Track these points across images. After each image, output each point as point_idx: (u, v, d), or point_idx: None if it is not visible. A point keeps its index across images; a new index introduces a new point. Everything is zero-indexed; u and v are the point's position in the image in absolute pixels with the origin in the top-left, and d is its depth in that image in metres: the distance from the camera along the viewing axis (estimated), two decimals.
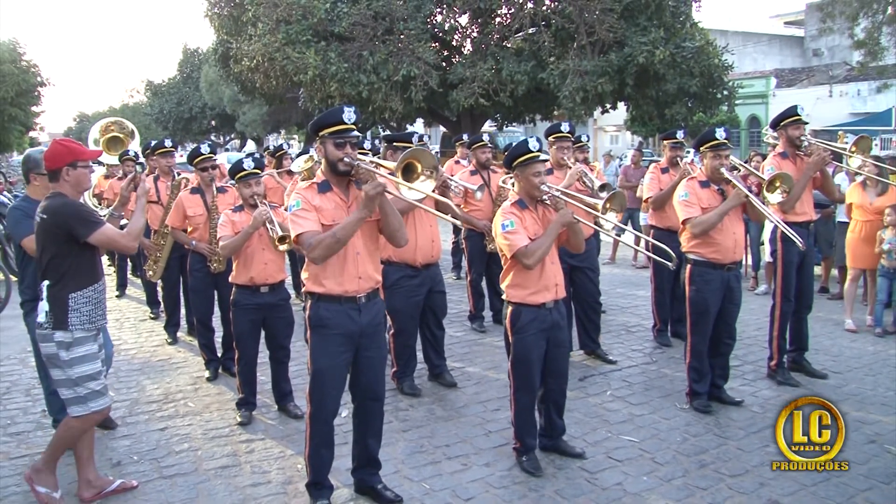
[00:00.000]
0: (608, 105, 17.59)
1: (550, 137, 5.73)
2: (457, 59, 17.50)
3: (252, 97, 24.16)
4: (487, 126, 22.38)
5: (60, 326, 3.49)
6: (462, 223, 6.42)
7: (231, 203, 5.22)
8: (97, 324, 3.64)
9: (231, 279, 4.82)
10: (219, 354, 5.81)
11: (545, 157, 4.09)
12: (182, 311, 6.88)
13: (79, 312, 3.52)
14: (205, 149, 5.68)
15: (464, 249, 7.21)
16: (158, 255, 6.29)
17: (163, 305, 7.12)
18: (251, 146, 40.66)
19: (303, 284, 3.57)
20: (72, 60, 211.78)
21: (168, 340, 6.77)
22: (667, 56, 14.68)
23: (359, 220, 3.33)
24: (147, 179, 5.88)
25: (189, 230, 5.59)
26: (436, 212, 4.27)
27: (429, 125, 28.11)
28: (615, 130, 37.97)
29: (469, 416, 4.83)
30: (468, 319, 7.11)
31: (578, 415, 4.77)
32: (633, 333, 6.81)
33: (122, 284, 9.11)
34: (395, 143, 5.16)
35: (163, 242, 6.23)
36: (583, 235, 4.10)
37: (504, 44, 17.09)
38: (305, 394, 3.54)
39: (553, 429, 4.19)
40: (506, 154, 4.09)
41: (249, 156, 5.22)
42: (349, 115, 3.36)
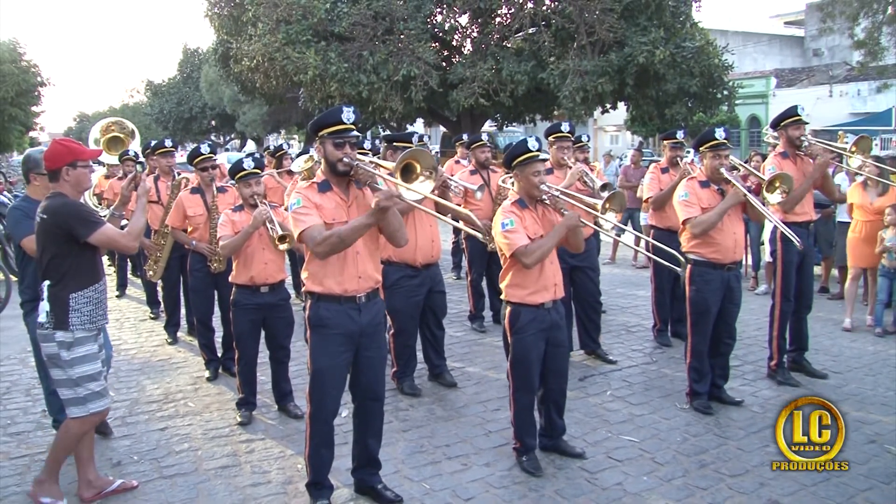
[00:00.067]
0: (608, 105, 17.57)
1: (550, 137, 5.73)
2: (457, 59, 17.48)
3: (252, 97, 24.16)
4: (487, 126, 22.37)
5: (61, 326, 3.49)
6: (463, 221, 6.42)
7: (231, 203, 5.22)
8: (98, 324, 3.64)
9: (231, 279, 4.83)
10: (219, 354, 5.81)
11: (544, 157, 4.10)
12: (182, 311, 6.88)
13: (80, 312, 3.52)
14: (205, 149, 5.68)
15: (464, 249, 7.21)
16: (159, 255, 6.28)
17: (163, 305, 7.13)
18: (251, 146, 40.65)
19: (303, 284, 3.57)
20: (72, 60, 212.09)
21: (168, 340, 6.77)
22: (667, 56, 14.67)
23: (365, 227, 3.33)
24: (147, 179, 5.87)
25: (189, 230, 5.60)
26: (436, 213, 4.28)
27: (429, 125, 28.12)
28: (615, 130, 37.95)
29: (469, 416, 4.83)
30: (468, 319, 7.11)
31: (578, 415, 4.77)
32: (634, 333, 6.81)
33: (123, 284, 9.11)
34: (395, 143, 5.17)
35: (163, 242, 6.23)
36: (583, 235, 4.10)
37: (504, 44, 17.07)
38: (305, 394, 3.54)
39: (553, 429, 4.19)
40: (505, 154, 4.10)
41: (249, 156, 5.23)
42: (348, 115, 3.37)
